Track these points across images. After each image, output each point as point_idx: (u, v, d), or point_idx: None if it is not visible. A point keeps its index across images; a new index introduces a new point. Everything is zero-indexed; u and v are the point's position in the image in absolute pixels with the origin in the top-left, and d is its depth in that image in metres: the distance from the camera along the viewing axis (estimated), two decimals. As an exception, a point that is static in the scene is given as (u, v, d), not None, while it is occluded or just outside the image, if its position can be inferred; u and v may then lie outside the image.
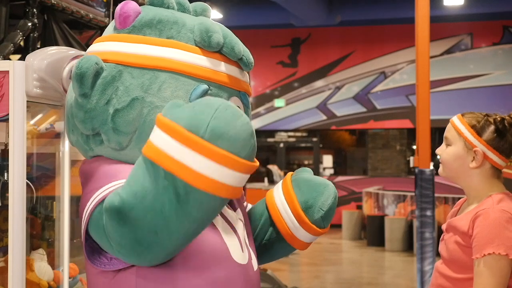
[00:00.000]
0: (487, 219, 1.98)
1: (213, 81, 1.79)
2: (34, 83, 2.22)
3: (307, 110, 14.43)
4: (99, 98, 1.77)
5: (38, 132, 2.68)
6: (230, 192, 1.54)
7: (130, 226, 1.54)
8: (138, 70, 1.78)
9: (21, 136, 2.18)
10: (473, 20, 13.20)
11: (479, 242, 1.97)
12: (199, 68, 1.78)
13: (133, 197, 1.53)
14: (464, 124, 2.12)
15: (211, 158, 1.47)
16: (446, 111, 13.01)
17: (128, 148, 1.79)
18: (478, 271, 1.96)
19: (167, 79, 1.77)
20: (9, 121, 2.19)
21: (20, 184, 2.18)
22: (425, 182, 6.16)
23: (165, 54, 1.78)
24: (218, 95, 1.79)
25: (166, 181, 1.50)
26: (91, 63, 1.74)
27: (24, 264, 2.21)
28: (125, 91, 1.76)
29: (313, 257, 10.45)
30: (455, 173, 2.13)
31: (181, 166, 1.48)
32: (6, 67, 2.21)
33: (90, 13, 3.75)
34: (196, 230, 1.58)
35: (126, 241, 1.57)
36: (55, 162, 2.73)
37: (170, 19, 1.84)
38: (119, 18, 1.84)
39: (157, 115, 1.59)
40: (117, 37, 1.84)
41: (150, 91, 1.76)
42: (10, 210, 2.17)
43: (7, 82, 2.19)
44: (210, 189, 1.49)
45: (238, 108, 1.55)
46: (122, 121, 1.76)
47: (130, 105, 1.76)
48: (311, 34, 14.36)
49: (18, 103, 2.19)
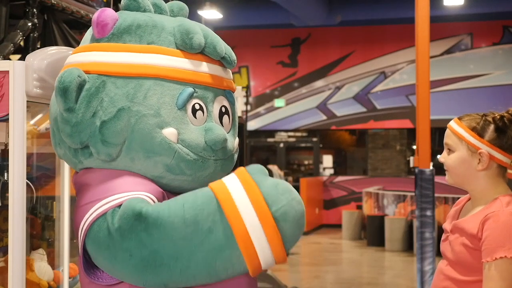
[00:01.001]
0: (497, 222, 1.96)
1: (198, 83, 1.78)
2: (34, 83, 2.22)
3: (307, 110, 14.43)
4: (84, 111, 1.74)
5: (38, 132, 2.68)
6: (256, 271, 1.60)
7: (158, 241, 1.56)
8: (122, 80, 1.75)
9: (21, 136, 2.18)
10: (473, 20, 13.19)
11: (490, 245, 1.94)
12: (182, 71, 1.76)
13: (180, 219, 1.56)
14: (464, 128, 2.09)
15: (267, 234, 1.55)
16: (446, 111, 13.01)
17: (118, 159, 1.77)
18: (489, 275, 1.93)
19: (151, 86, 1.74)
20: (9, 121, 2.19)
21: (20, 184, 2.18)
22: (425, 182, 6.16)
23: (147, 61, 1.75)
24: (204, 97, 1.78)
25: (218, 226, 1.56)
26: (73, 76, 1.72)
27: (24, 264, 2.20)
28: (110, 102, 1.74)
29: (313, 257, 10.45)
30: (462, 178, 2.10)
31: (241, 224, 1.55)
32: (6, 67, 2.21)
33: (90, 13, 3.75)
34: (207, 281, 1.61)
35: (143, 252, 1.58)
36: (55, 162, 2.73)
37: (149, 23, 1.81)
38: (97, 26, 1.80)
39: (241, 168, 1.65)
40: (97, 46, 1.81)
41: (135, 100, 1.73)
42: (10, 210, 2.17)
43: (7, 82, 2.19)
44: (249, 259, 1.56)
45: (304, 209, 1.62)
46: (110, 133, 1.75)
47: (117, 116, 1.74)
48: (311, 34, 14.36)
49: (18, 103, 2.19)
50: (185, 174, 1.77)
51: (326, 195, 14.29)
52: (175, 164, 1.75)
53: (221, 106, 1.84)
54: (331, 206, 14.23)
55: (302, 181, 12.98)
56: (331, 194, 14.30)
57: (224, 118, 1.85)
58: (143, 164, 1.75)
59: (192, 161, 1.75)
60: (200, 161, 1.77)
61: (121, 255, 1.59)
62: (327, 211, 14.22)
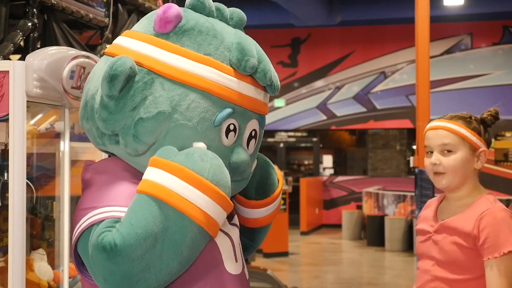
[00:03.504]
0: (495, 219, 1.99)
1: (239, 104, 1.78)
2: (34, 83, 2.22)
3: (307, 110, 14.43)
4: (126, 103, 1.73)
5: (38, 132, 2.68)
6: (217, 230, 1.69)
7: (124, 265, 1.58)
8: (170, 83, 1.74)
9: (21, 136, 2.18)
10: (473, 20, 13.20)
11: (494, 242, 1.96)
12: (229, 90, 1.76)
13: (135, 238, 1.57)
14: (465, 128, 2.10)
15: (213, 198, 1.63)
16: (446, 111, 12.95)
17: (142, 156, 1.77)
18: (497, 271, 1.95)
19: (197, 98, 1.74)
20: (9, 121, 2.19)
21: (20, 184, 2.18)
22: (425, 182, 6.16)
23: (200, 72, 1.74)
24: (240, 118, 1.79)
25: (170, 220, 1.60)
26: (125, 66, 1.69)
27: (24, 264, 2.21)
28: (153, 102, 1.73)
29: (313, 257, 10.45)
30: (461, 179, 2.09)
31: (189, 205, 1.61)
32: (6, 67, 2.21)
33: (90, 13, 3.75)
34: (182, 270, 1.66)
35: (115, 277, 1.60)
36: (55, 162, 2.73)
37: (210, 32, 1.79)
38: (160, 21, 1.77)
39: (154, 158, 1.67)
40: (155, 40, 1.78)
41: (178, 108, 1.73)
42: (10, 210, 2.17)
43: (7, 82, 2.19)
44: (210, 228, 1.64)
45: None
46: (144, 131, 1.74)
47: (155, 117, 1.73)
48: (311, 34, 14.36)
49: (18, 103, 2.19)
50: None
51: (326, 195, 14.29)
52: None
53: (252, 130, 1.84)
54: (331, 206, 14.23)
55: (302, 181, 12.98)
56: (331, 194, 14.30)
57: (251, 142, 1.85)
58: None
59: None
60: None
61: (97, 278, 1.64)
62: (327, 211, 14.22)
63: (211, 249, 1.74)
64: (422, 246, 2.14)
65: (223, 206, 1.66)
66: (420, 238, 2.16)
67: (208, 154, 1.68)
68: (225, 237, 1.80)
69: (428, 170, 2.13)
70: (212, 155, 1.68)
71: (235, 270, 1.78)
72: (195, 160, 1.65)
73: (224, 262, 1.75)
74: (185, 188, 1.61)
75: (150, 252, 1.59)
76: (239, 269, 1.81)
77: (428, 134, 2.14)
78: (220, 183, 1.66)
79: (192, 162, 1.64)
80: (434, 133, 2.12)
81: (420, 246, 2.15)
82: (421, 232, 2.17)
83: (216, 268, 1.74)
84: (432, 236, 2.10)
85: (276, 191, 2.01)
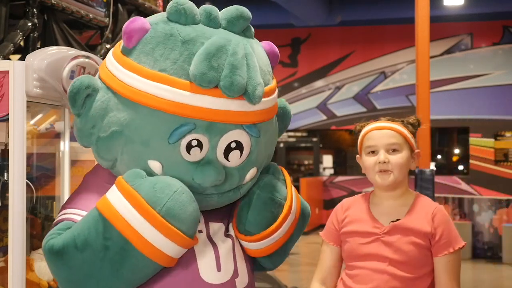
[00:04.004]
0: (445, 216, 2.13)
1: (201, 118, 1.69)
2: (34, 83, 2.21)
3: (307, 110, 14.43)
4: (88, 121, 1.78)
5: (38, 132, 2.68)
6: (168, 262, 1.69)
7: (64, 270, 1.67)
8: (123, 101, 1.74)
9: (21, 136, 2.18)
10: (473, 20, 13.18)
11: (447, 238, 2.09)
12: (184, 106, 1.67)
13: (72, 248, 1.64)
14: (407, 130, 2.19)
15: (162, 232, 1.63)
16: (446, 111, 13.02)
17: (114, 169, 1.83)
18: (451, 265, 2.08)
19: (147, 116, 1.70)
20: (9, 121, 2.19)
21: (20, 184, 2.18)
22: (425, 182, 6.16)
23: (150, 90, 1.69)
24: (207, 132, 1.70)
25: (113, 241, 1.63)
26: (81, 86, 1.74)
27: (24, 264, 2.21)
28: (108, 121, 1.75)
29: (313, 257, 10.44)
30: (403, 177, 2.16)
31: (134, 233, 1.62)
32: (6, 67, 2.21)
33: (90, 13, 3.75)
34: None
35: (59, 278, 1.70)
36: (55, 162, 2.73)
37: (171, 45, 1.72)
38: (123, 35, 1.78)
39: (119, 178, 1.69)
40: (119, 57, 1.79)
41: (129, 127, 1.73)
42: (10, 210, 2.17)
43: (7, 82, 2.19)
44: (155, 257, 1.65)
45: (192, 195, 1.68)
46: (102, 149, 1.79)
47: (110, 136, 1.76)
48: (311, 34, 14.36)
49: (18, 103, 2.19)
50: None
51: (326, 195, 14.28)
52: None
53: (231, 142, 1.75)
54: (331, 206, 14.21)
55: (302, 181, 12.98)
56: (331, 194, 14.30)
57: (233, 153, 1.76)
58: None
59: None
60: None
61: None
62: (327, 211, 14.21)
63: (187, 257, 1.74)
64: (367, 248, 2.12)
65: (176, 241, 1.64)
66: (361, 240, 2.13)
67: (173, 187, 1.65)
68: (208, 246, 1.79)
69: (369, 168, 2.15)
70: (180, 190, 1.66)
71: (217, 279, 1.76)
72: (154, 191, 1.64)
73: (200, 271, 1.74)
74: (133, 217, 1.63)
75: (89, 264, 1.63)
76: (224, 278, 1.79)
77: (372, 135, 2.17)
78: (176, 218, 1.63)
79: (150, 192, 1.64)
80: (380, 133, 2.17)
81: (363, 247, 2.13)
82: (361, 234, 2.14)
83: (190, 276, 1.74)
84: (382, 238, 2.11)
85: (272, 226, 1.87)
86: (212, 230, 1.84)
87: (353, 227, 2.17)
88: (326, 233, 2.27)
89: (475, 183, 13.01)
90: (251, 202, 1.87)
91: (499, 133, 12.99)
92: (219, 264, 1.79)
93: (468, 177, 13.21)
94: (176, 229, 1.64)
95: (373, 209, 2.18)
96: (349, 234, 2.17)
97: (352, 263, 2.15)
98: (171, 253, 1.66)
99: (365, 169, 2.18)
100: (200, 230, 1.81)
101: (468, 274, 8.59)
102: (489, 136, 13.05)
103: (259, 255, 1.94)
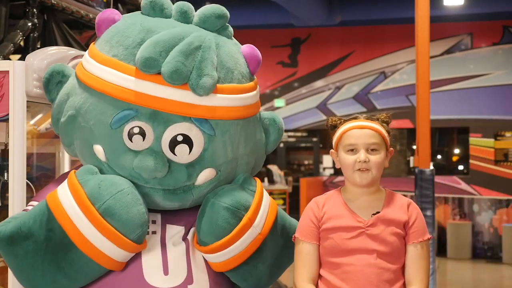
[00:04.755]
0: (416, 208, 2.20)
1: (143, 105, 1.68)
2: (34, 83, 2.21)
3: (307, 110, 14.43)
4: (55, 108, 1.85)
5: (38, 132, 2.68)
6: (111, 264, 1.67)
7: (10, 258, 1.71)
8: (81, 86, 1.79)
9: (21, 136, 2.18)
10: (473, 20, 13.19)
11: (419, 227, 2.16)
12: (128, 91, 1.68)
13: (16, 236, 1.67)
14: (384, 129, 2.23)
15: (99, 230, 1.62)
16: (446, 111, 13.01)
17: (82, 160, 1.86)
18: (421, 254, 2.14)
19: (95, 100, 1.74)
20: (9, 121, 2.19)
21: (20, 184, 2.18)
22: (425, 182, 6.16)
23: (100, 74, 1.73)
24: (151, 121, 1.69)
25: (54, 233, 1.64)
26: (53, 72, 1.85)
27: (24, 264, 2.20)
28: (69, 106, 1.81)
29: (313, 257, 10.42)
30: (380, 175, 2.20)
31: (73, 227, 1.63)
32: (6, 67, 2.21)
33: (90, 13, 3.75)
34: (71, 285, 1.70)
35: (11, 266, 1.74)
36: (55, 162, 2.73)
37: (129, 33, 1.74)
38: (95, 25, 1.87)
39: (71, 173, 1.71)
40: (91, 46, 1.87)
41: (80, 111, 1.77)
42: (10, 210, 2.17)
43: (7, 82, 2.19)
44: (94, 256, 1.64)
45: (140, 198, 1.67)
46: (62, 133, 1.84)
47: (67, 121, 1.81)
48: (311, 34, 14.36)
49: (18, 103, 2.19)
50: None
51: (326, 195, 14.27)
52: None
53: (177, 135, 1.72)
54: (331, 206, 14.20)
55: (302, 181, 12.97)
56: (331, 194, 14.28)
57: (180, 147, 1.72)
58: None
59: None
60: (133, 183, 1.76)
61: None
62: (327, 211, 14.20)
63: (132, 260, 1.74)
64: (353, 242, 2.11)
65: (115, 243, 1.63)
66: (345, 235, 2.12)
67: (118, 187, 1.65)
68: (157, 248, 1.77)
69: (348, 166, 2.16)
70: (126, 191, 1.65)
71: (163, 283, 1.74)
72: (98, 188, 1.64)
73: (144, 273, 1.74)
74: (74, 211, 1.64)
75: (33, 254, 1.64)
76: (173, 283, 1.75)
77: (353, 133, 2.19)
78: (116, 218, 1.62)
79: (93, 188, 1.65)
80: (361, 132, 2.18)
81: (348, 242, 2.11)
82: (344, 229, 2.13)
83: (133, 276, 1.73)
84: (366, 231, 2.12)
85: (225, 238, 1.79)
86: (168, 233, 1.82)
87: (334, 222, 2.14)
88: (303, 232, 2.15)
89: (475, 183, 13.01)
90: (205, 210, 1.80)
91: (499, 133, 12.99)
92: (166, 268, 1.75)
93: (468, 177, 13.21)
94: (114, 229, 1.63)
95: (349, 205, 2.18)
96: (331, 230, 2.13)
97: (336, 259, 2.11)
98: (113, 255, 1.65)
99: (343, 166, 2.18)
100: (154, 232, 1.79)
101: (468, 274, 8.59)
102: (489, 136, 13.05)
103: (221, 269, 1.88)
